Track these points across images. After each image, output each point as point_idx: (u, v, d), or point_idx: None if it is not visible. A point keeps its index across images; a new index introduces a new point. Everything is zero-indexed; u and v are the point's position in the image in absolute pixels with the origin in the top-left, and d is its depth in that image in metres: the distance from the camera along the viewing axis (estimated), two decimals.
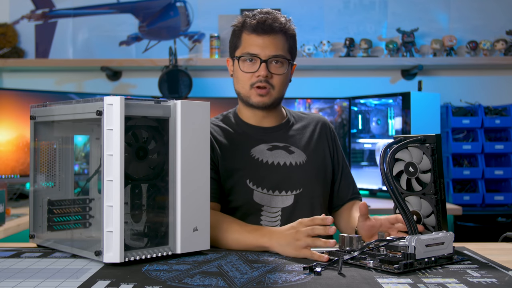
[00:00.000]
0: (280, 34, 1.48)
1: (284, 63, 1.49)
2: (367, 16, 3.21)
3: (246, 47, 1.49)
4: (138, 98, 1.07)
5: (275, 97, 1.50)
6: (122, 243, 1.01)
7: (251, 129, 1.56)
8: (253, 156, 1.51)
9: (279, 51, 1.47)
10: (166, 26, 3.17)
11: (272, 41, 1.47)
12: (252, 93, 1.50)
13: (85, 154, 2.52)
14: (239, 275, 0.96)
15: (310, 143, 1.59)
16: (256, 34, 1.47)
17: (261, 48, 1.46)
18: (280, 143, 1.55)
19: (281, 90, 1.52)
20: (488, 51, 3.09)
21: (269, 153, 1.52)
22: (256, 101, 1.50)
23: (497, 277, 0.96)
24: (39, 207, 1.24)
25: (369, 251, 1.09)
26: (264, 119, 1.57)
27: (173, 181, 1.10)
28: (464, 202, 2.84)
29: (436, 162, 1.13)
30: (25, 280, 0.94)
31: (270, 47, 1.46)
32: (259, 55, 1.46)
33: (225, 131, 1.55)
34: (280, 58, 1.48)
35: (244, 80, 1.50)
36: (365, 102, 3.01)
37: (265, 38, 1.46)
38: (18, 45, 3.18)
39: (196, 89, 3.08)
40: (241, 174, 1.48)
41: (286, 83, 1.53)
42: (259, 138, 1.55)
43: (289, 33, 1.50)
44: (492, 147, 2.92)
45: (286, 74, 1.50)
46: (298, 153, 1.54)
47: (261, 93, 1.48)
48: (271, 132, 1.56)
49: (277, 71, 1.48)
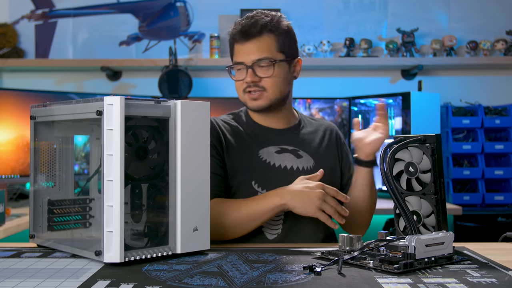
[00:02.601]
0: (264, 36, 1.46)
1: (271, 65, 1.46)
2: (367, 16, 3.21)
3: (234, 56, 1.51)
4: (138, 98, 1.07)
5: (272, 98, 1.48)
6: (122, 243, 1.01)
7: (261, 130, 1.56)
8: (260, 158, 1.50)
9: (264, 53, 1.46)
10: (166, 26, 3.17)
11: (255, 45, 1.46)
12: (246, 99, 1.50)
13: (85, 154, 2.52)
14: (239, 275, 0.96)
15: (319, 149, 1.57)
16: (240, 43, 1.48)
17: (245, 54, 1.47)
18: (289, 146, 1.53)
19: (277, 91, 1.48)
20: (488, 51, 3.09)
21: (277, 156, 1.51)
22: (251, 106, 1.51)
23: (497, 277, 0.96)
24: (39, 207, 1.24)
25: (369, 251, 1.09)
26: (273, 121, 1.56)
27: (173, 181, 1.10)
28: (464, 202, 2.84)
29: (436, 162, 1.13)
30: (25, 280, 0.94)
31: (253, 52, 1.46)
32: (244, 61, 1.47)
33: (235, 130, 1.54)
34: (265, 61, 1.46)
35: (238, 87, 1.52)
36: (365, 102, 3.01)
37: (247, 44, 1.47)
38: (18, 45, 3.18)
39: (196, 89, 3.08)
40: (247, 174, 1.47)
41: (281, 83, 1.49)
42: (269, 139, 1.54)
43: (278, 31, 1.48)
44: (492, 147, 2.92)
45: (278, 74, 1.47)
46: (306, 158, 1.53)
47: (253, 97, 1.48)
48: (281, 134, 1.55)
49: (265, 73, 1.46)
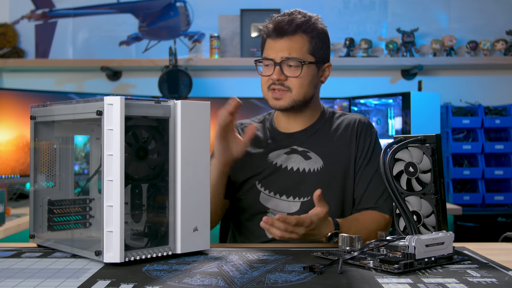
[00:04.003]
0: (297, 36, 1.45)
1: (299, 66, 1.44)
2: (367, 16, 3.21)
3: (265, 52, 1.49)
4: (138, 98, 1.07)
5: (295, 99, 1.46)
6: (122, 243, 1.01)
7: (278, 135, 1.56)
8: (268, 159, 1.50)
9: (294, 53, 1.44)
10: (166, 26, 3.17)
11: (287, 43, 1.44)
12: (269, 96, 1.49)
13: (85, 154, 2.52)
14: (239, 275, 0.96)
15: (332, 149, 1.51)
16: (272, 39, 1.47)
17: (276, 51, 1.45)
18: (300, 147, 1.52)
19: (301, 93, 1.46)
20: (488, 51, 3.09)
21: (285, 157, 1.50)
22: (273, 104, 1.49)
23: (497, 277, 0.96)
24: (39, 207, 1.24)
25: (369, 251, 1.09)
26: (292, 122, 1.55)
27: (173, 181, 1.10)
28: (464, 202, 2.84)
29: (436, 162, 1.13)
30: (25, 280, 0.94)
31: (284, 50, 1.44)
32: (274, 58, 1.45)
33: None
34: (294, 61, 1.44)
35: (263, 83, 1.50)
36: (365, 102, 3.01)
37: (280, 41, 1.45)
38: (18, 45, 3.18)
39: (196, 89, 3.08)
40: (252, 173, 1.48)
41: (306, 86, 1.46)
42: (281, 142, 1.54)
43: (313, 32, 1.46)
44: (492, 147, 2.92)
45: (305, 76, 1.45)
46: (315, 159, 1.49)
47: (275, 96, 1.47)
48: (294, 135, 1.54)
49: (292, 73, 1.45)
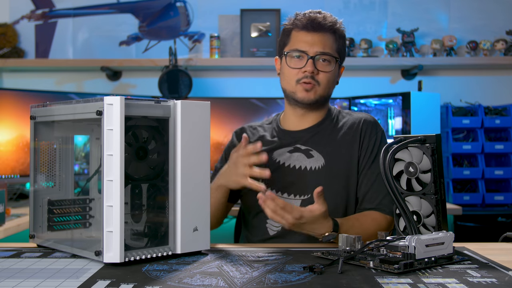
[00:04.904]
0: (329, 33, 1.48)
1: (331, 62, 1.49)
2: (367, 16, 3.21)
3: (294, 44, 1.50)
4: (138, 98, 1.07)
5: (321, 94, 1.50)
6: (122, 243, 1.01)
7: (283, 134, 1.57)
8: (271, 157, 1.51)
9: (327, 49, 1.47)
10: (166, 26, 3.17)
11: (321, 38, 1.47)
12: (298, 89, 1.49)
13: (85, 154, 2.52)
14: (239, 275, 0.96)
15: (334, 148, 1.51)
16: (306, 31, 1.48)
17: (309, 44, 1.47)
18: (303, 146, 1.52)
19: (327, 89, 1.51)
20: (488, 51, 3.09)
21: (288, 155, 1.51)
22: (302, 97, 1.49)
23: (497, 277, 0.96)
24: (39, 207, 1.24)
25: (369, 251, 1.09)
26: (302, 120, 1.55)
27: (173, 181, 1.10)
28: (464, 202, 2.84)
29: (436, 162, 1.13)
30: (25, 280, 0.94)
31: (318, 44, 1.47)
32: (307, 51, 1.47)
33: (260, 134, 1.59)
34: (328, 56, 1.47)
35: (291, 76, 1.50)
36: (365, 102, 3.01)
37: (314, 35, 1.47)
38: (18, 45, 3.17)
39: (196, 89, 3.08)
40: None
41: (332, 82, 1.52)
42: (285, 141, 1.54)
43: (338, 33, 1.51)
44: (492, 147, 2.91)
45: (333, 72, 1.50)
46: (317, 158, 1.50)
47: (306, 88, 1.48)
48: (298, 134, 1.55)
49: (324, 68, 1.48)
